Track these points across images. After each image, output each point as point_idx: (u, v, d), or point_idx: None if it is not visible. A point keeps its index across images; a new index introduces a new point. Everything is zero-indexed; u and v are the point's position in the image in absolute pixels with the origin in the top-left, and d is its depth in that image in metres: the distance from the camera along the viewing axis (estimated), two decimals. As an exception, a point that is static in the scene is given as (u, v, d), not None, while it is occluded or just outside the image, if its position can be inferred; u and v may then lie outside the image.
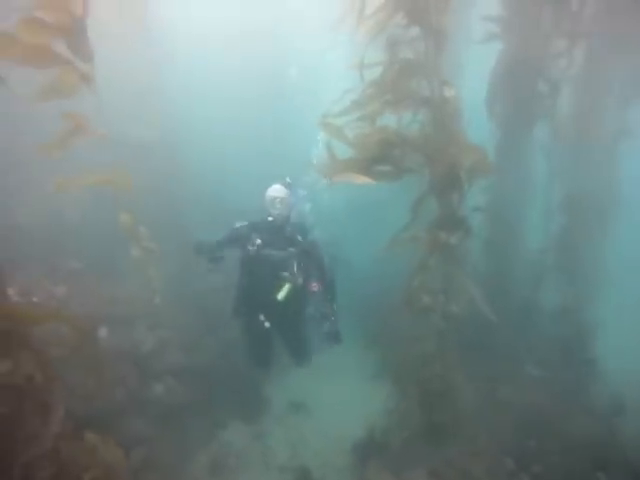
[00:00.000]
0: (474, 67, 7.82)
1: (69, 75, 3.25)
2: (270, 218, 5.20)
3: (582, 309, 6.79)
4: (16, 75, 3.13)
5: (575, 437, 5.16)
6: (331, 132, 4.05)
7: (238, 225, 5.38)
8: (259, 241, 5.19)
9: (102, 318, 5.52)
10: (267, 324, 5.30)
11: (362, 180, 3.89)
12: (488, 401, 5.53)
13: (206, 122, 8.46)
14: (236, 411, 6.18)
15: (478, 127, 5.29)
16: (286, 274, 5.17)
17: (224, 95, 8.95)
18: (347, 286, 7.69)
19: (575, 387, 5.83)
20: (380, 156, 4.02)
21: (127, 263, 6.37)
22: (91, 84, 3.33)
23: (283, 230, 5.29)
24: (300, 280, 5.21)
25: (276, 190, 5.25)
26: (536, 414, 5.29)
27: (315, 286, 5.29)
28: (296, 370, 6.74)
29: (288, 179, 5.40)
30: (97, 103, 3.31)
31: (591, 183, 6.87)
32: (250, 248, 5.20)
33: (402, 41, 3.87)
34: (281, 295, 5.12)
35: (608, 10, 7.03)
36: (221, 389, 6.09)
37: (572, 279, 6.97)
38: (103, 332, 5.44)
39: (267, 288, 5.19)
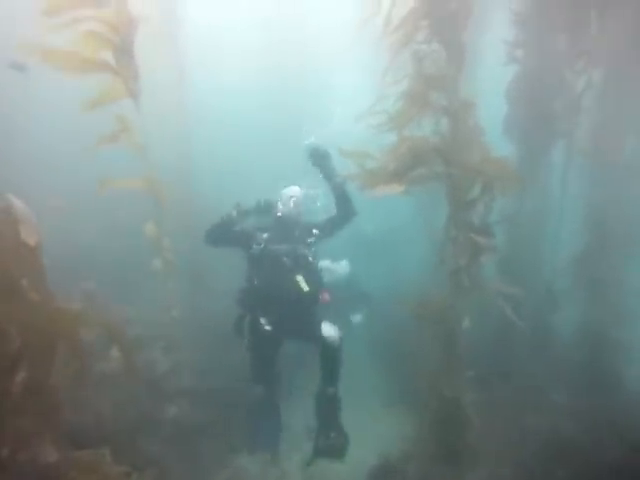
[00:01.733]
0: (489, 88, 7.84)
1: (117, 87, 3.38)
2: (279, 214, 5.27)
3: (609, 331, 6.58)
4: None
5: (605, 466, 4.92)
6: (353, 156, 4.07)
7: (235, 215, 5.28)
8: (266, 236, 5.20)
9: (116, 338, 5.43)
10: (272, 328, 5.25)
11: (394, 189, 3.85)
12: (514, 430, 5.31)
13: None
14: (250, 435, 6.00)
15: (496, 146, 5.28)
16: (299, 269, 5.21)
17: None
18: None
19: (605, 414, 5.59)
20: (410, 164, 4.00)
21: (142, 285, 6.39)
22: (137, 98, 3.45)
23: (292, 230, 5.34)
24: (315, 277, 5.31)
25: (293, 190, 5.43)
26: (564, 442, 5.07)
27: (326, 297, 5.24)
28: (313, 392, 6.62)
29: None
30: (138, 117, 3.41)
31: (613, 203, 6.75)
32: (256, 246, 5.19)
33: (426, 55, 3.85)
34: (303, 286, 5.11)
35: (627, 33, 7.05)
36: (236, 412, 5.93)
37: (596, 299, 6.79)
38: (116, 352, 5.34)
39: (280, 286, 5.15)
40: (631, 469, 4.98)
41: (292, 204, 5.35)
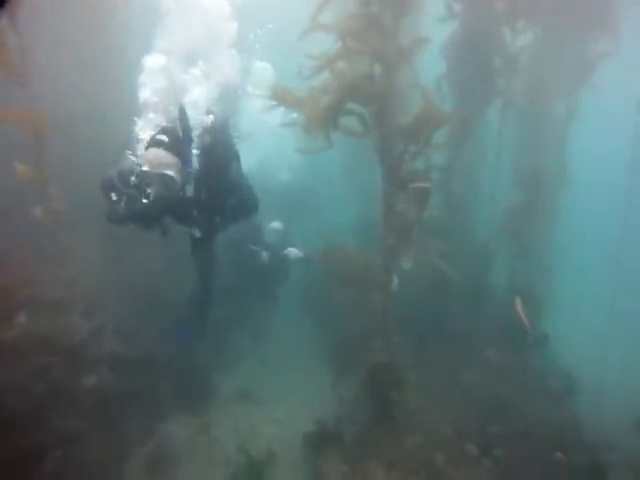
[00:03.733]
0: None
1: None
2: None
3: (534, 289, 6.75)
4: None
5: (534, 419, 5.08)
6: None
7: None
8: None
9: (23, 302, 4.84)
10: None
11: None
12: (450, 388, 5.34)
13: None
14: (179, 402, 5.69)
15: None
16: None
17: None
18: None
19: (531, 369, 5.76)
20: (342, 99, 3.71)
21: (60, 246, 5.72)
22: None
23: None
24: None
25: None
26: (497, 399, 5.16)
27: None
28: (245, 357, 6.38)
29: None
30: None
31: (543, 161, 6.83)
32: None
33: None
34: None
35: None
36: (162, 379, 5.57)
37: (524, 258, 6.93)
38: (22, 318, 4.77)
39: None
40: (557, 419, 5.18)
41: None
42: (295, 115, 4.47)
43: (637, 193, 7.89)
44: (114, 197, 4.39)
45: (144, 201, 4.21)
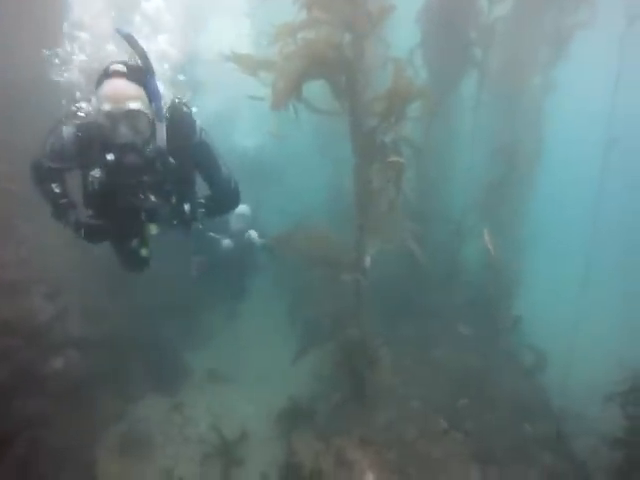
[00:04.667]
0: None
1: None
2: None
3: (508, 265, 6.77)
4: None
5: (503, 392, 5.16)
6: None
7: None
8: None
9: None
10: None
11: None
12: (421, 363, 5.38)
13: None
14: (151, 383, 5.62)
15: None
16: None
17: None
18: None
19: (502, 344, 5.83)
20: (308, 71, 3.58)
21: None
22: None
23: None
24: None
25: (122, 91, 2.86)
26: (468, 373, 5.22)
27: None
28: (218, 336, 6.31)
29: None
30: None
31: (518, 135, 6.76)
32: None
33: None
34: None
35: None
36: (133, 360, 5.49)
37: (498, 234, 6.91)
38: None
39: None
40: (526, 392, 5.28)
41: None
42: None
43: (612, 170, 7.92)
44: (55, 188, 3.35)
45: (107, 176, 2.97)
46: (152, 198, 3.15)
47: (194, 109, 3.28)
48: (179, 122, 3.10)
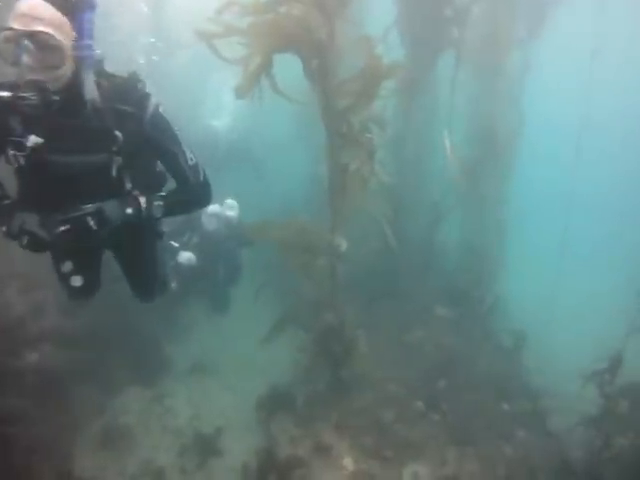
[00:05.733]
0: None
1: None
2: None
3: (487, 246, 6.79)
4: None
5: (481, 373, 5.20)
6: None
7: None
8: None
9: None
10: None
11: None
12: (399, 346, 5.39)
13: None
14: (131, 375, 5.60)
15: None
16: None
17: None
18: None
19: (480, 325, 5.86)
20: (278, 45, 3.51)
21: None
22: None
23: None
24: None
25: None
26: (445, 354, 5.24)
27: None
28: (199, 326, 6.28)
29: None
30: None
31: (496, 116, 6.72)
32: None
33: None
34: None
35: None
36: (112, 352, 5.45)
37: (476, 216, 6.92)
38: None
39: None
40: (504, 373, 5.32)
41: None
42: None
43: (588, 150, 7.93)
44: None
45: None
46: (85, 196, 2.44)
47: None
48: (123, 86, 2.47)
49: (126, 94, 2.45)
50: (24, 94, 2.12)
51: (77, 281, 2.97)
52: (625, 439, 4.23)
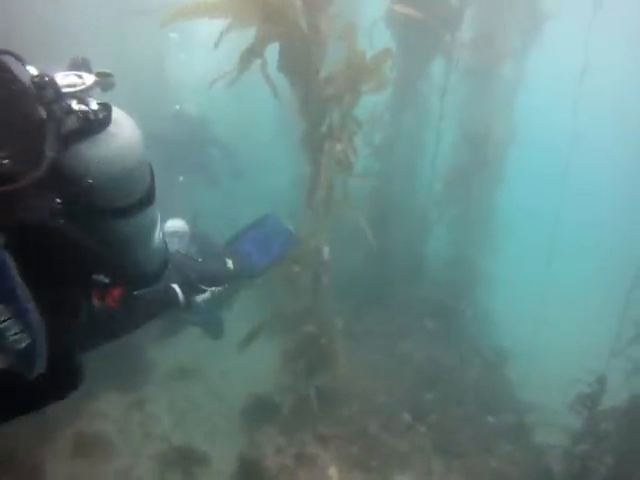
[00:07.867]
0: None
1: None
2: None
3: (475, 258, 6.74)
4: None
5: (467, 386, 5.16)
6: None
7: None
8: None
9: None
10: None
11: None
12: (386, 357, 5.32)
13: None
14: (110, 379, 5.43)
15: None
16: None
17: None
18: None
19: (467, 338, 5.82)
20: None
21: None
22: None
23: None
24: None
25: None
26: (432, 366, 5.19)
27: None
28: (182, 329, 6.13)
29: None
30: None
31: (489, 122, 6.65)
32: None
33: None
34: None
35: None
36: (90, 355, 5.28)
37: (466, 226, 6.86)
38: None
39: None
40: (490, 386, 5.28)
41: None
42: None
43: (581, 158, 7.91)
44: None
45: None
46: None
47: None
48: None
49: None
50: None
51: None
52: (608, 455, 4.22)
